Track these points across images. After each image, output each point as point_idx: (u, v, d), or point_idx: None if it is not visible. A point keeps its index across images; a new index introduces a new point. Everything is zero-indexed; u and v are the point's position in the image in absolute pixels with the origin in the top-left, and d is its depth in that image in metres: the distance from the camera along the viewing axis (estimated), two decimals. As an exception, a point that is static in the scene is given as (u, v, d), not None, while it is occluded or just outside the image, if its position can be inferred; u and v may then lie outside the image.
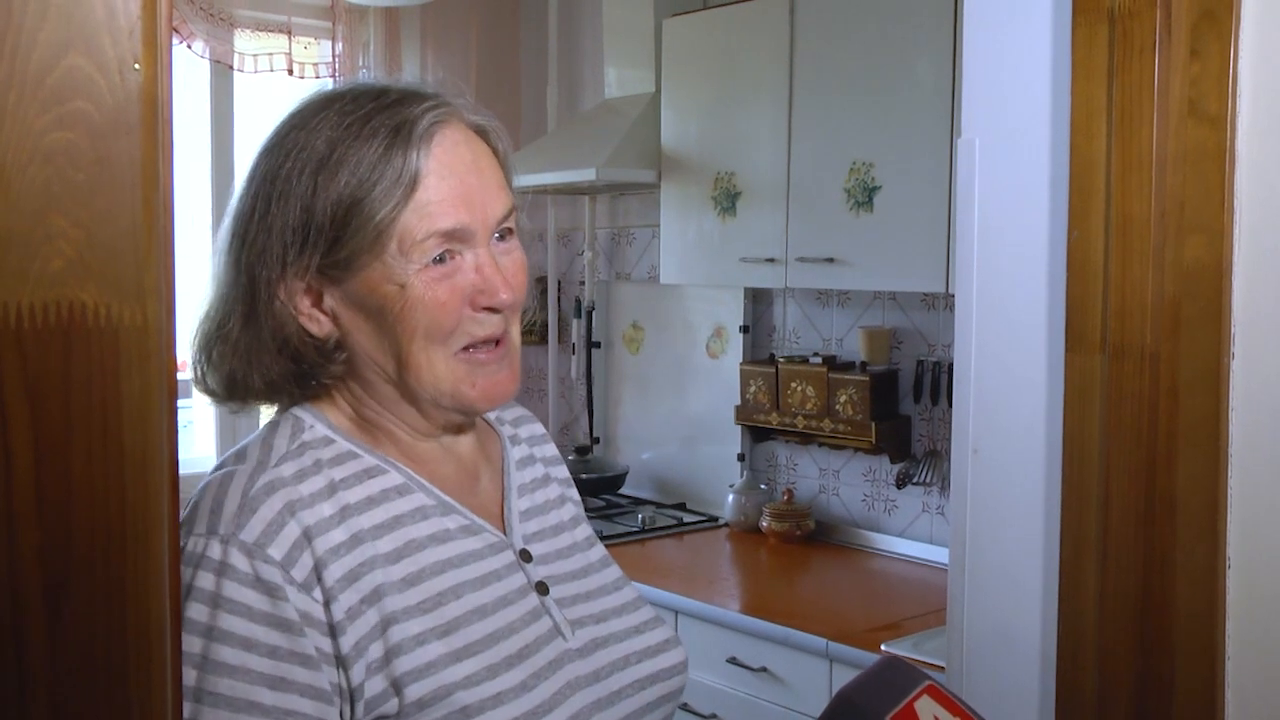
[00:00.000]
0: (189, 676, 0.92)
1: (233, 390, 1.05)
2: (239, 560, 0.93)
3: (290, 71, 3.57)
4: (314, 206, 0.99)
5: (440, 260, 1.00)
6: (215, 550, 0.94)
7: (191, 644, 0.92)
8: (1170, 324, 1.15)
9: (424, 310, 1.00)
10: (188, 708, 0.90)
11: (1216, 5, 1.11)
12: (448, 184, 1.00)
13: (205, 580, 0.94)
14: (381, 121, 1.00)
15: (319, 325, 1.03)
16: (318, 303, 1.03)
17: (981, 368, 1.35)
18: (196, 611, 0.93)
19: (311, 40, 3.64)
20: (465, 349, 1.03)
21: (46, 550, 0.55)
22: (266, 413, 1.12)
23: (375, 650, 0.96)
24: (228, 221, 1.04)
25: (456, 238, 1.01)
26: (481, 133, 1.07)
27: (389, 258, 0.99)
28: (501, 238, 1.05)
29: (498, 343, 1.05)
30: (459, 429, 1.11)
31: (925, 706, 0.96)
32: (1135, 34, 1.14)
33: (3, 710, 0.54)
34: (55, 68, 0.54)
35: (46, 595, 0.55)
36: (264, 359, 1.02)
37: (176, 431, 0.63)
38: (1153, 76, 1.13)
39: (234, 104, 3.55)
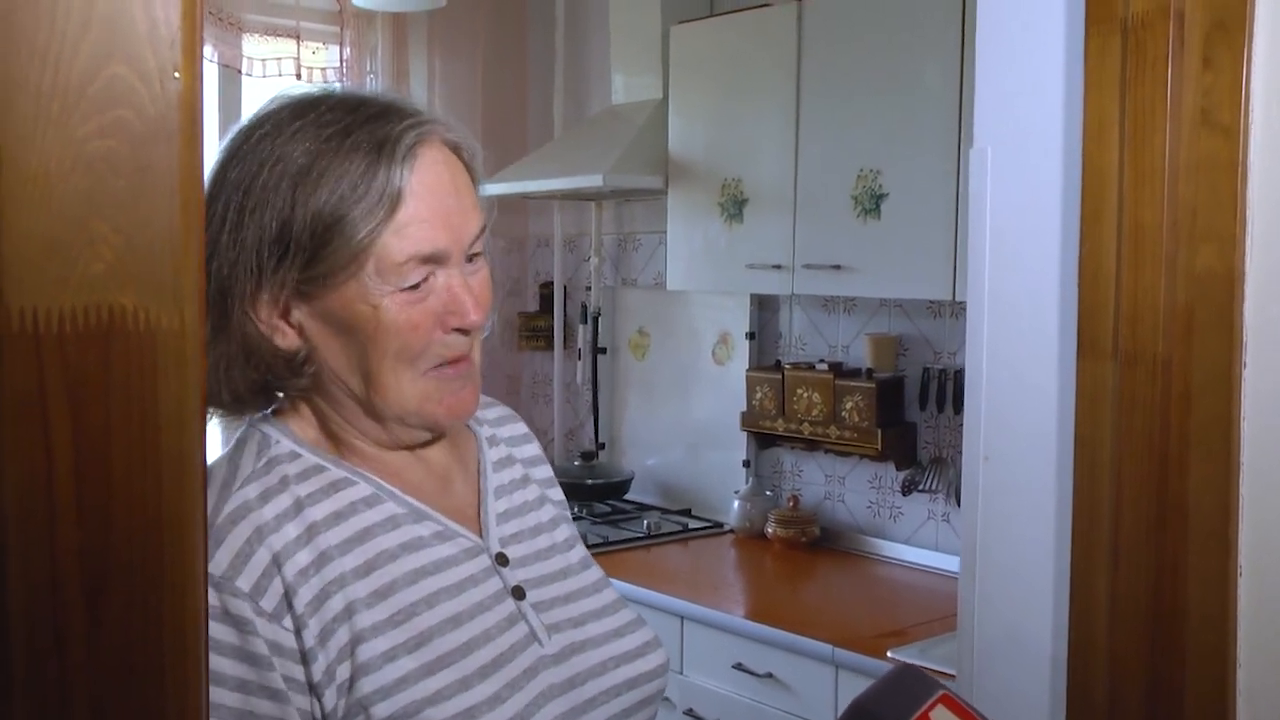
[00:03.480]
0: None
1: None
2: (208, 595, 0.92)
3: (299, 76, 3.59)
4: (292, 221, 0.97)
5: (415, 286, 1.00)
6: None
7: None
8: (1182, 331, 1.15)
9: (396, 333, 1.00)
10: None
11: (1229, 16, 1.12)
12: (428, 205, 0.99)
13: None
14: (364, 136, 0.98)
15: (285, 338, 1.02)
16: (284, 315, 1.01)
17: (993, 374, 1.36)
18: None
19: (320, 45, 3.66)
20: (435, 367, 1.03)
21: (86, 551, 0.56)
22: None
23: (343, 671, 0.95)
24: None
25: (433, 260, 1.00)
26: (455, 150, 1.05)
27: (366, 277, 0.98)
28: (470, 259, 1.04)
29: (463, 359, 1.05)
30: (425, 442, 1.10)
31: (941, 716, 0.96)
32: (1148, 44, 1.15)
33: (45, 707, 0.54)
34: (97, 77, 0.55)
35: (86, 595, 0.56)
36: (233, 373, 1.01)
37: (205, 435, 0.64)
38: (1165, 87, 1.14)
39: (242, 108, 3.57)
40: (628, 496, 3.71)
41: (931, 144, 2.66)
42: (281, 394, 1.06)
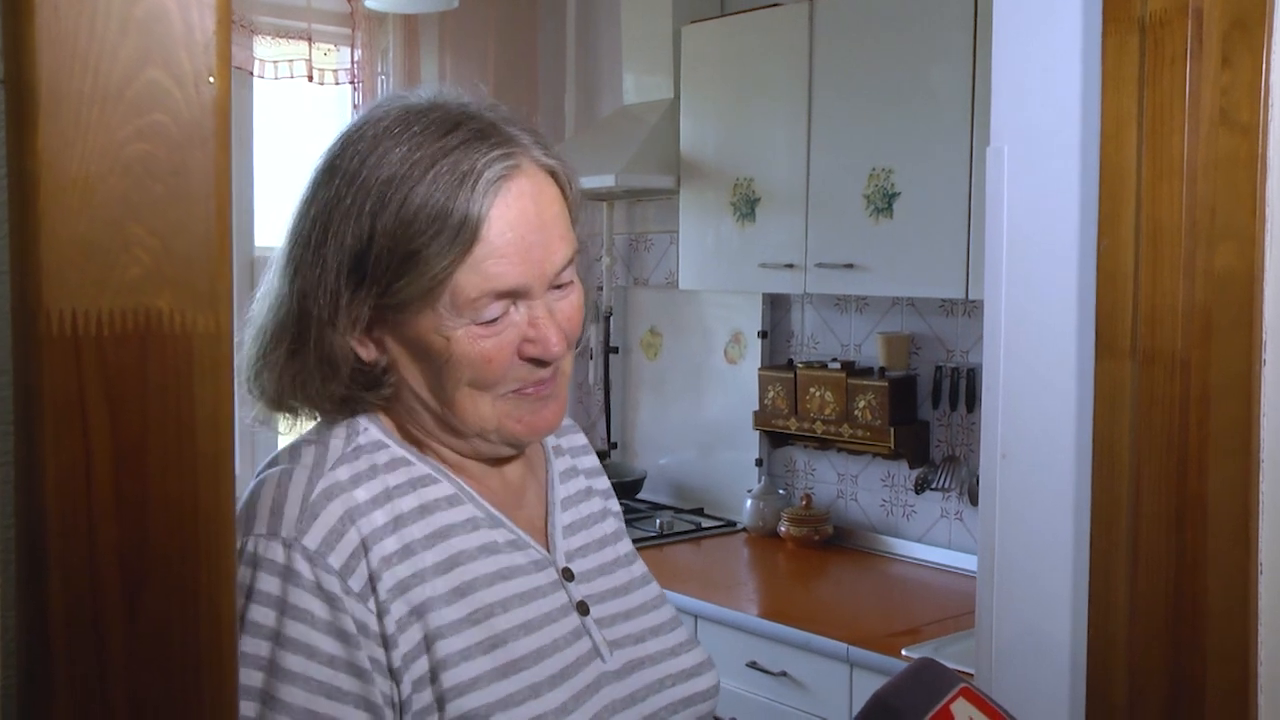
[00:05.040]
0: (255, 679, 0.92)
1: (279, 408, 1.05)
2: (302, 566, 0.94)
3: (310, 78, 3.59)
4: (369, 249, 0.96)
5: (493, 321, 0.99)
6: (279, 554, 0.94)
7: (259, 647, 0.92)
8: (1201, 330, 1.15)
9: (469, 365, 0.99)
10: (254, 708, 0.91)
11: (1248, 15, 1.12)
12: (506, 240, 0.97)
13: (269, 584, 0.94)
14: (446, 167, 0.96)
15: (368, 351, 1.02)
16: (368, 330, 1.01)
17: (1010, 373, 1.36)
18: (262, 615, 0.93)
19: (331, 47, 3.66)
20: (513, 391, 1.02)
21: (124, 550, 0.56)
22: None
23: (421, 665, 0.96)
24: (286, 238, 1.02)
25: (512, 295, 0.99)
26: (552, 174, 1.03)
27: (441, 308, 0.97)
28: (559, 285, 1.03)
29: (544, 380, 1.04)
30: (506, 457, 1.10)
31: (961, 709, 0.97)
32: (1166, 43, 1.15)
33: (86, 699, 0.55)
34: (135, 81, 0.56)
35: (124, 593, 0.56)
36: (310, 386, 1.01)
37: (234, 436, 0.65)
38: (1184, 85, 1.14)
39: (253, 110, 3.58)
40: (640, 496, 3.72)
41: (943, 142, 2.66)
42: (362, 405, 1.05)
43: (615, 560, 1.15)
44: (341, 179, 0.99)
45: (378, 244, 0.97)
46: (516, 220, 0.98)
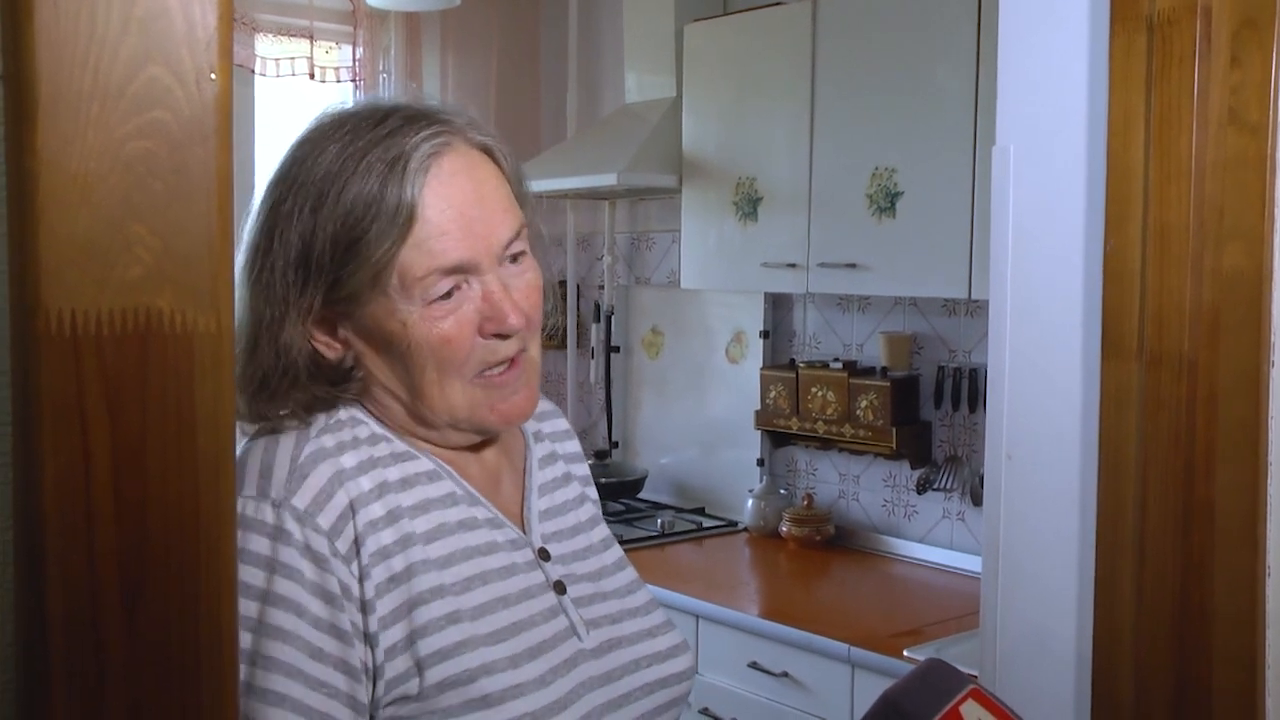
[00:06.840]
0: (244, 640, 0.92)
1: (252, 419, 1.05)
2: (292, 526, 0.95)
3: (312, 76, 3.58)
4: (313, 245, 0.99)
5: (446, 296, 1.00)
6: (268, 514, 0.95)
7: (248, 608, 0.93)
8: (1209, 331, 1.15)
9: (430, 348, 1.00)
10: (243, 670, 0.91)
11: (1258, 13, 1.11)
12: (446, 217, 0.99)
13: (259, 544, 0.94)
14: (378, 155, 0.99)
15: (334, 351, 1.03)
16: (331, 331, 1.03)
17: (1015, 374, 1.36)
18: (251, 576, 0.94)
19: (333, 45, 3.66)
20: (482, 374, 1.03)
21: (124, 553, 0.56)
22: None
23: (398, 631, 0.97)
24: (241, 250, 1.04)
25: (459, 271, 1.00)
26: (487, 151, 1.05)
27: (392, 291, 0.99)
28: (514, 260, 1.04)
29: (514, 362, 1.05)
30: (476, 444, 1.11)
31: (970, 710, 0.96)
32: (1175, 42, 1.15)
33: (85, 701, 0.55)
34: (136, 78, 0.55)
35: (124, 596, 0.56)
36: (273, 385, 1.02)
37: (234, 436, 0.64)
38: (1192, 84, 1.14)
39: (254, 108, 3.57)
40: (641, 495, 3.71)
41: (947, 141, 2.65)
42: (332, 404, 1.05)
43: (589, 546, 1.16)
44: (283, 186, 1.01)
45: (320, 238, 0.99)
46: (454, 196, 1.00)
